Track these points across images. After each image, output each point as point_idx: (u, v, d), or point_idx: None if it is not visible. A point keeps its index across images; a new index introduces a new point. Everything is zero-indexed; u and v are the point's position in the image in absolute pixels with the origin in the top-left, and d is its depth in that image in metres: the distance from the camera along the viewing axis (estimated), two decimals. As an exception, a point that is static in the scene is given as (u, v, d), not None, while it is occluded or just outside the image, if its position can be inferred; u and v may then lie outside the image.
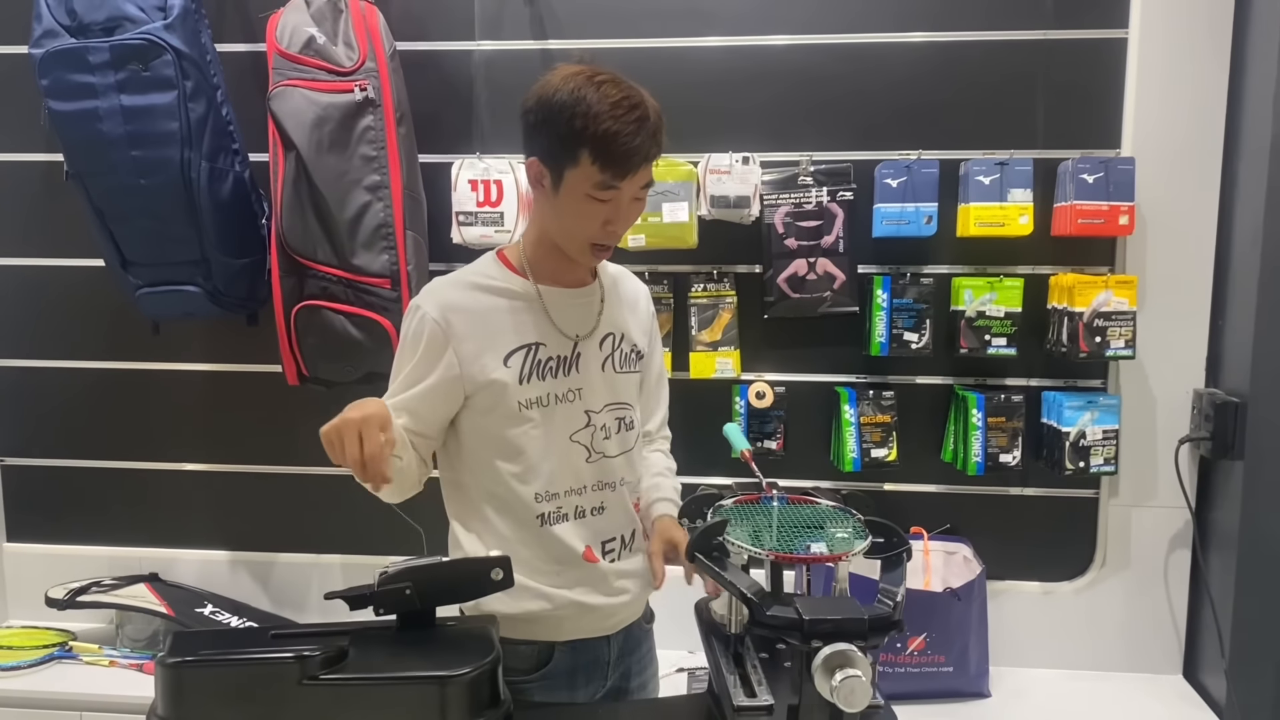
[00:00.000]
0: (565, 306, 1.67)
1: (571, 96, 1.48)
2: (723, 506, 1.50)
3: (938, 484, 2.56)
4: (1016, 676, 2.50)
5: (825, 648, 1.14)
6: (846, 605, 1.19)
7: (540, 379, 1.63)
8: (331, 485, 2.70)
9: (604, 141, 1.47)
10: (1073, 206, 2.31)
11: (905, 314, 2.40)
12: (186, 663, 1.29)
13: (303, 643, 1.32)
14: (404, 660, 1.33)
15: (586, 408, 1.68)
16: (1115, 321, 2.32)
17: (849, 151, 2.45)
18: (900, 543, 1.33)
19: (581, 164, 1.49)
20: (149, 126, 2.21)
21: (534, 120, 1.53)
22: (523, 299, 1.64)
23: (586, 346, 1.68)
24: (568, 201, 1.54)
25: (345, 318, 2.30)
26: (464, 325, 1.60)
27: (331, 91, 2.26)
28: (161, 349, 2.68)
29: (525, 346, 1.62)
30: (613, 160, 1.49)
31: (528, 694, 1.65)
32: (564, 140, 1.49)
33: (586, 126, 1.46)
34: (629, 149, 1.48)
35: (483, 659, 1.31)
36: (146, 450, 2.78)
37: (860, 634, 1.15)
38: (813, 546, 1.34)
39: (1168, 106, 2.37)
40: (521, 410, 1.61)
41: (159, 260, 2.35)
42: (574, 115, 1.47)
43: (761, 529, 1.41)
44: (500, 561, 1.41)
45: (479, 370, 1.60)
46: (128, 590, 2.66)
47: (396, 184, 2.30)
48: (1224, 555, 2.35)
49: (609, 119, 1.46)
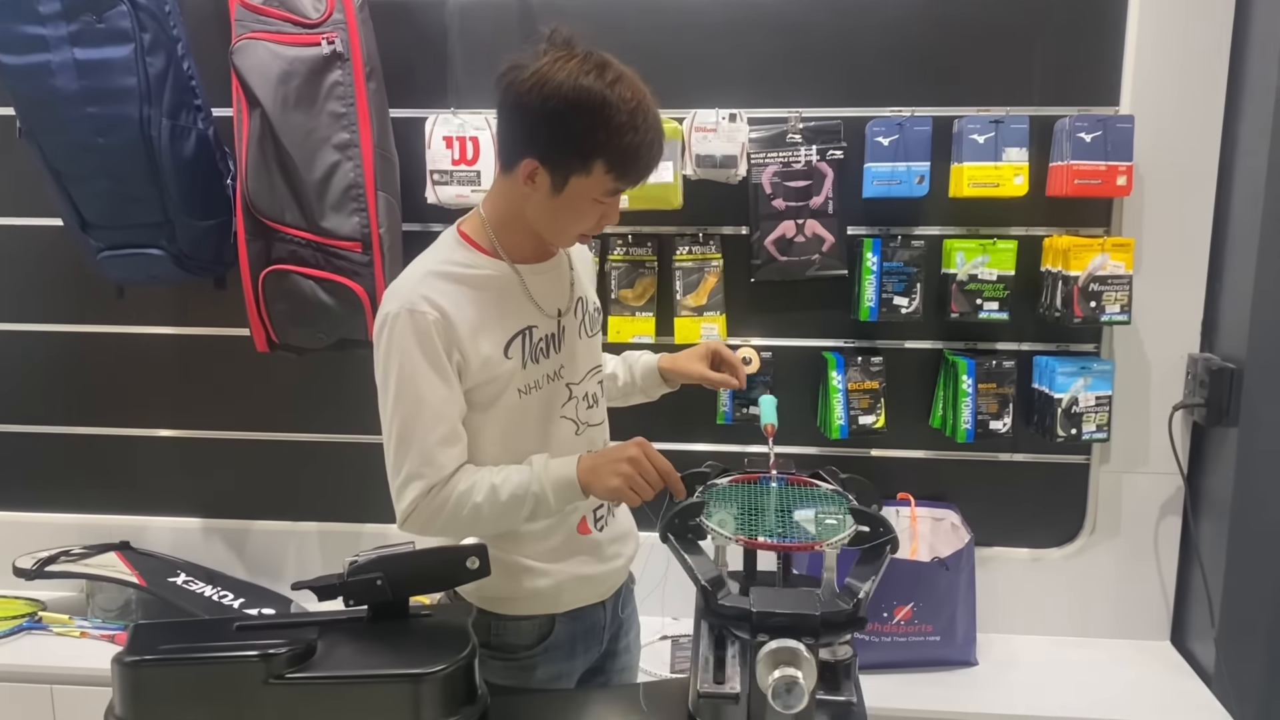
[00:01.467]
0: (542, 282, 1.62)
1: (584, 102, 1.40)
2: (716, 486, 1.44)
3: (926, 450, 2.51)
4: (1004, 643, 2.48)
5: (771, 642, 1.09)
6: (803, 600, 1.14)
7: (535, 361, 1.59)
8: (307, 452, 2.65)
9: (624, 154, 1.43)
10: (1069, 166, 2.24)
11: (895, 278, 2.34)
12: (145, 661, 1.22)
13: (268, 636, 1.26)
14: (375, 656, 1.27)
15: (568, 381, 1.65)
16: (1111, 286, 2.26)
17: (839, 108, 2.36)
18: (884, 533, 1.26)
19: (594, 173, 1.44)
20: (105, 82, 2.10)
21: (535, 121, 1.43)
22: (502, 282, 1.57)
23: (566, 319, 1.64)
24: (568, 204, 1.49)
25: (315, 283, 2.22)
26: (459, 318, 1.50)
27: (297, 45, 2.16)
28: (127, 312, 2.59)
29: (520, 332, 1.57)
30: (631, 171, 1.46)
31: (531, 666, 1.64)
32: (578, 149, 1.43)
33: (608, 139, 1.41)
34: (649, 160, 1.46)
35: (458, 653, 1.25)
36: (115, 416, 2.71)
37: (811, 631, 1.10)
38: (800, 531, 1.29)
39: (1168, 62, 2.29)
40: (520, 397, 1.57)
41: (120, 222, 2.25)
42: (593, 126, 1.40)
43: (750, 510, 1.35)
44: (476, 550, 1.35)
45: (482, 364, 1.52)
46: (98, 559, 2.60)
47: (367, 142, 2.20)
48: (1216, 523, 2.32)
49: (629, 130, 1.41)
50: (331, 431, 2.64)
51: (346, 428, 2.62)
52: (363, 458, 2.62)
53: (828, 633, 1.11)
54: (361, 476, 2.63)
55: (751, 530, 1.29)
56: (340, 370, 2.52)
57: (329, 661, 1.24)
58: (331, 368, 2.48)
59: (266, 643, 1.23)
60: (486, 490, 1.50)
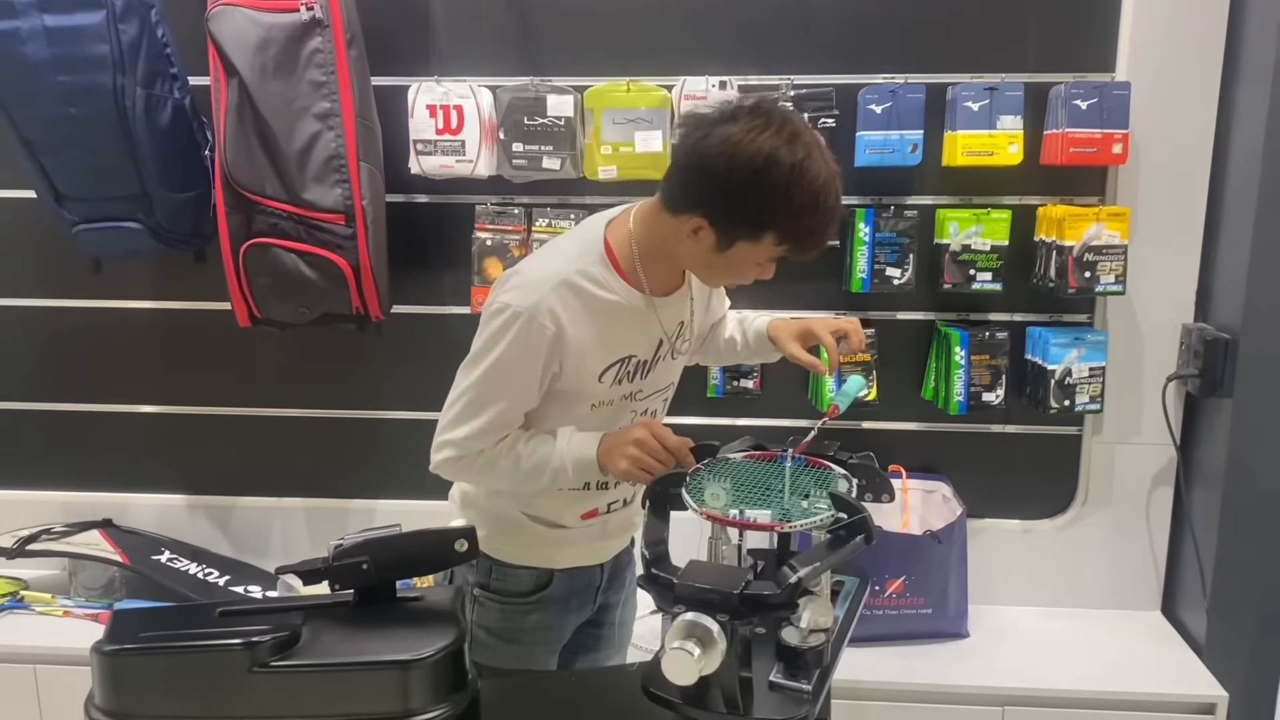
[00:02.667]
0: (669, 313, 1.62)
1: (771, 178, 1.36)
2: (728, 460, 1.41)
3: (918, 422, 2.49)
4: (996, 615, 2.47)
5: (687, 614, 1.07)
6: (729, 577, 1.11)
7: (618, 383, 1.60)
8: (292, 427, 2.62)
9: (800, 232, 1.42)
10: (1064, 134, 2.20)
11: (887, 248, 2.30)
12: (125, 650, 1.19)
13: (252, 622, 1.23)
14: (362, 642, 1.23)
15: (637, 400, 1.65)
16: (1106, 255, 2.23)
17: (831, 75, 2.32)
18: (857, 526, 1.23)
19: (763, 242, 1.43)
20: (76, 49, 2.04)
21: (715, 186, 1.41)
22: (633, 311, 1.57)
23: (665, 346, 1.64)
24: (728, 263, 1.48)
25: (297, 256, 2.17)
26: (575, 338, 1.51)
27: (275, 10, 2.10)
28: (106, 286, 2.54)
29: (621, 360, 1.58)
30: (803, 248, 1.45)
31: (525, 612, 1.69)
32: (752, 220, 1.42)
33: (786, 216, 1.40)
34: (823, 239, 1.45)
35: (447, 639, 1.22)
36: (96, 391, 2.66)
37: (728, 608, 1.07)
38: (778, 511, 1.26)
39: (1165, 27, 2.25)
40: (591, 410, 1.60)
41: (95, 195, 2.20)
42: (775, 202, 1.38)
43: (748, 486, 1.33)
44: (465, 533, 1.31)
45: (576, 380, 1.55)
46: (80, 537, 2.57)
47: (348, 111, 2.15)
48: (1208, 493, 2.31)
49: (809, 211, 1.39)
50: (317, 407, 2.60)
51: (332, 403, 2.59)
52: (347, 432, 2.59)
53: (751, 612, 1.08)
54: (348, 452, 2.60)
55: (742, 506, 1.26)
56: (325, 345, 2.48)
57: (314, 648, 1.21)
58: (316, 342, 2.44)
59: (250, 630, 1.19)
60: (512, 459, 1.55)
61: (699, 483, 1.31)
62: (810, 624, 1.15)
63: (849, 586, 1.39)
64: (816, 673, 1.15)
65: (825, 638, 1.17)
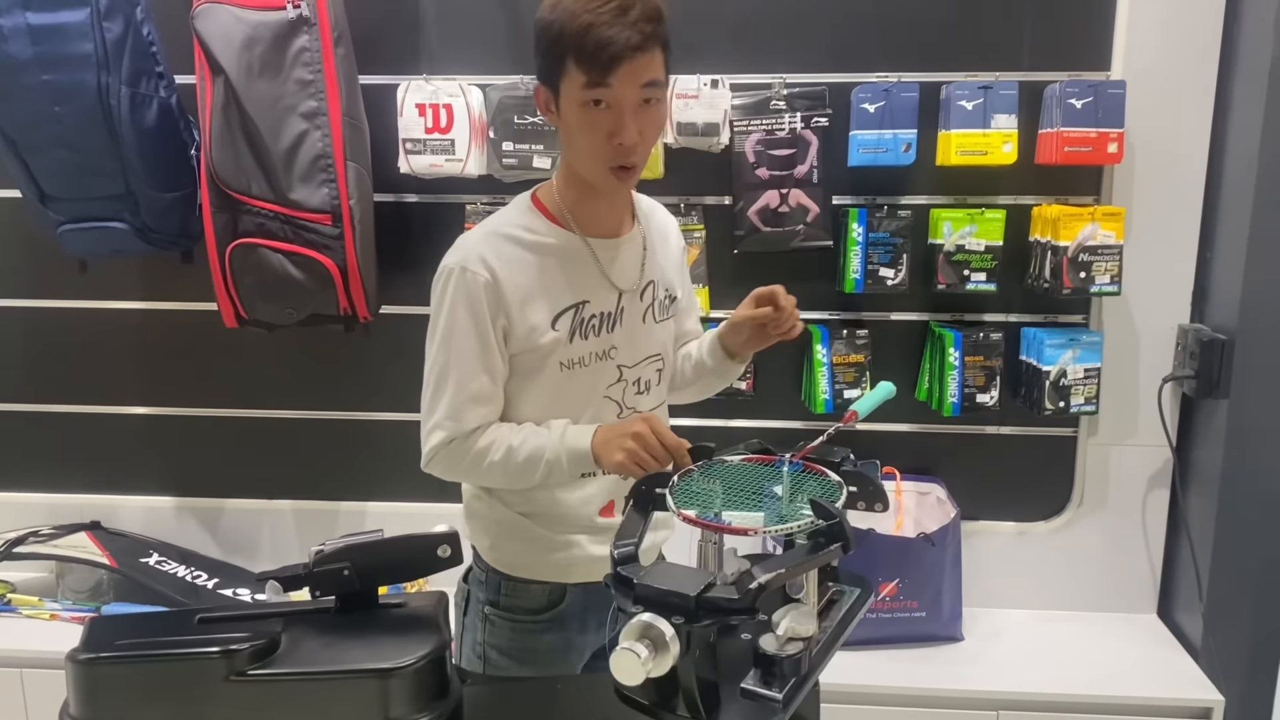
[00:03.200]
0: (614, 259, 1.58)
1: (554, 8, 1.40)
2: (726, 462, 1.38)
3: (912, 424, 2.47)
4: (990, 618, 2.45)
5: (643, 615, 1.04)
6: (689, 580, 1.07)
7: (584, 338, 1.56)
8: (281, 429, 2.60)
9: (579, 37, 1.37)
10: (1059, 133, 2.19)
11: (881, 249, 2.28)
12: (101, 659, 1.17)
13: (231, 629, 1.21)
14: (342, 650, 1.22)
15: (620, 363, 1.61)
16: (1101, 256, 2.21)
17: (824, 74, 2.30)
18: (836, 537, 1.17)
19: (569, 72, 1.40)
20: (60, 48, 2.03)
21: (534, 45, 1.45)
22: (569, 254, 1.55)
23: (630, 299, 1.60)
24: (570, 119, 1.44)
25: (284, 256, 2.15)
26: (512, 283, 1.50)
27: (261, 9, 2.08)
28: (92, 286, 2.52)
29: (573, 306, 1.54)
30: (589, 55, 1.37)
31: (539, 632, 1.63)
32: (550, 52, 1.41)
33: (564, 28, 1.38)
34: (603, 39, 1.36)
35: (429, 646, 1.20)
36: (83, 393, 2.64)
37: (684, 611, 1.04)
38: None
39: (1161, 26, 2.23)
40: (562, 370, 1.55)
41: (80, 194, 2.18)
42: (553, 22, 1.39)
43: (737, 489, 1.30)
44: (447, 538, 1.29)
45: (527, 332, 1.52)
46: (68, 540, 2.54)
47: (335, 110, 2.13)
48: (1204, 495, 2.29)
49: (584, 13, 1.36)
50: (305, 408, 2.58)
51: (320, 404, 2.57)
52: (337, 434, 2.57)
53: (708, 616, 1.05)
54: (337, 453, 2.59)
55: (734, 509, 1.24)
56: (312, 345, 2.46)
57: (294, 656, 1.19)
58: (303, 343, 2.42)
59: (228, 637, 1.18)
60: (504, 450, 1.51)
61: (687, 484, 1.29)
62: (788, 632, 1.13)
63: (849, 595, 1.36)
64: (792, 681, 1.12)
65: (804, 646, 1.14)
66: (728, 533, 1.18)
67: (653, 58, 1.41)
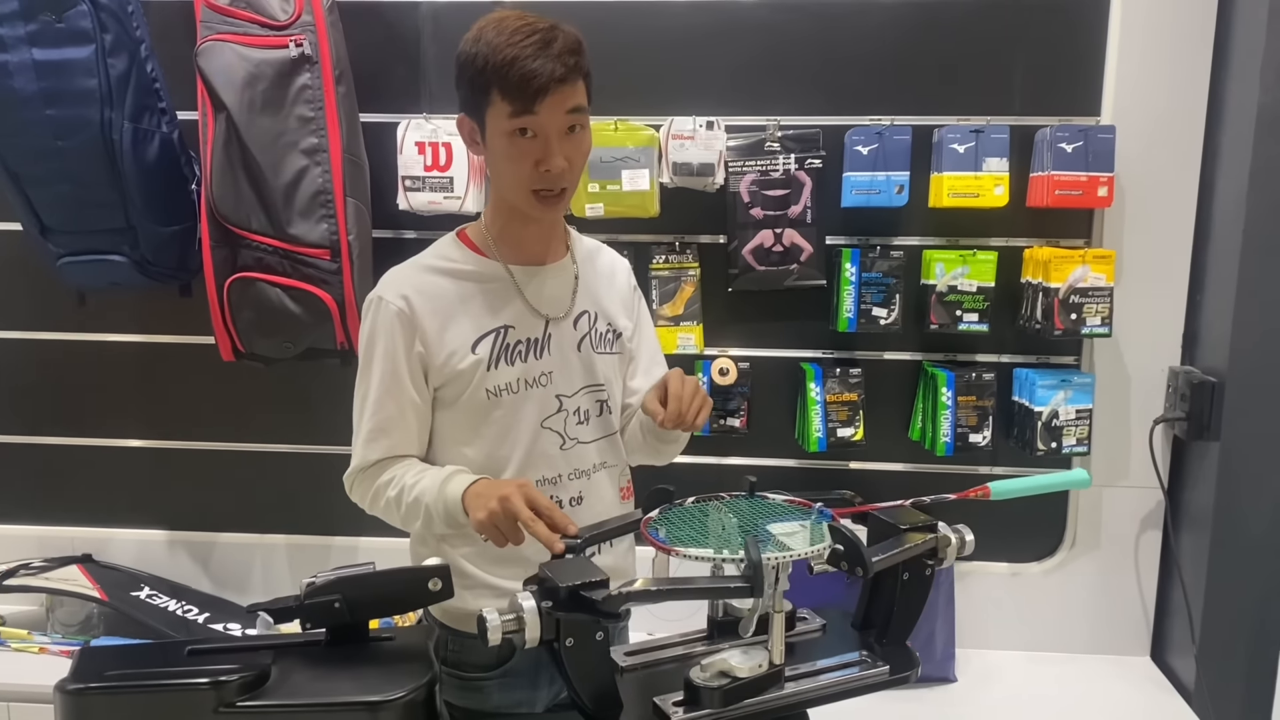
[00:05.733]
0: (538, 285, 1.59)
1: (476, 41, 1.45)
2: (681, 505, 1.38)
3: (905, 463, 2.48)
4: (983, 659, 2.44)
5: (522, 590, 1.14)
6: (578, 573, 1.14)
7: (509, 364, 1.56)
8: (275, 463, 2.60)
9: (504, 70, 1.41)
10: (1050, 177, 2.21)
11: (874, 288, 2.30)
12: (90, 689, 1.18)
13: (221, 661, 1.21)
14: (332, 682, 1.22)
15: (558, 392, 1.60)
16: (1092, 298, 2.23)
17: (818, 116, 2.33)
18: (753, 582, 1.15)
19: (494, 103, 1.44)
20: (65, 83, 2.05)
21: (456, 78, 1.51)
22: (490, 280, 1.57)
23: (559, 327, 1.60)
24: (496, 148, 1.48)
25: (282, 290, 2.16)
26: (428, 310, 1.53)
27: (264, 47, 2.11)
28: (90, 319, 2.53)
29: (494, 330, 1.55)
30: (515, 87, 1.41)
31: (487, 690, 1.58)
32: (474, 85, 1.46)
33: (488, 61, 1.42)
34: (528, 71, 1.40)
35: (418, 680, 1.21)
36: (78, 425, 2.64)
37: (554, 599, 1.12)
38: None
39: (1150, 72, 2.26)
40: (490, 398, 1.55)
41: (81, 228, 2.19)
42: (476, 56, 1.44)
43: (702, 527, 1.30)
44: (438, 571, 1.30)
45: (446, 358, 1.53)
46: (59, 573, 2.53)
47: (335, 147, 2.15)
48: (1196, 537, 2.30)
49: (507, 47, 1.41)
50: (300, 442, 2.58)
51: (315, 438, 2.57)
52: (331, 469, 2.52)
53: (574, 608, 1.11)
54: (330, 488, 2.54)
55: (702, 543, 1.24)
56: (309, 380, 2.46)
57: (283, 689, 1.19)
58: (300, 377, 2.43)
59: (218, 669, 1.18)
60: (398, 490, 1.52)
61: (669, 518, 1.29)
62: (718, 667, 1.15)
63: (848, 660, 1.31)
64: (704, 712, 1.14)
65: (729, 682, 1.15)
66: (664, 551, 1.20)
67: (576, 87, 1.46)
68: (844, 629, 1.33)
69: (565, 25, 1.46)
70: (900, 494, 2.43)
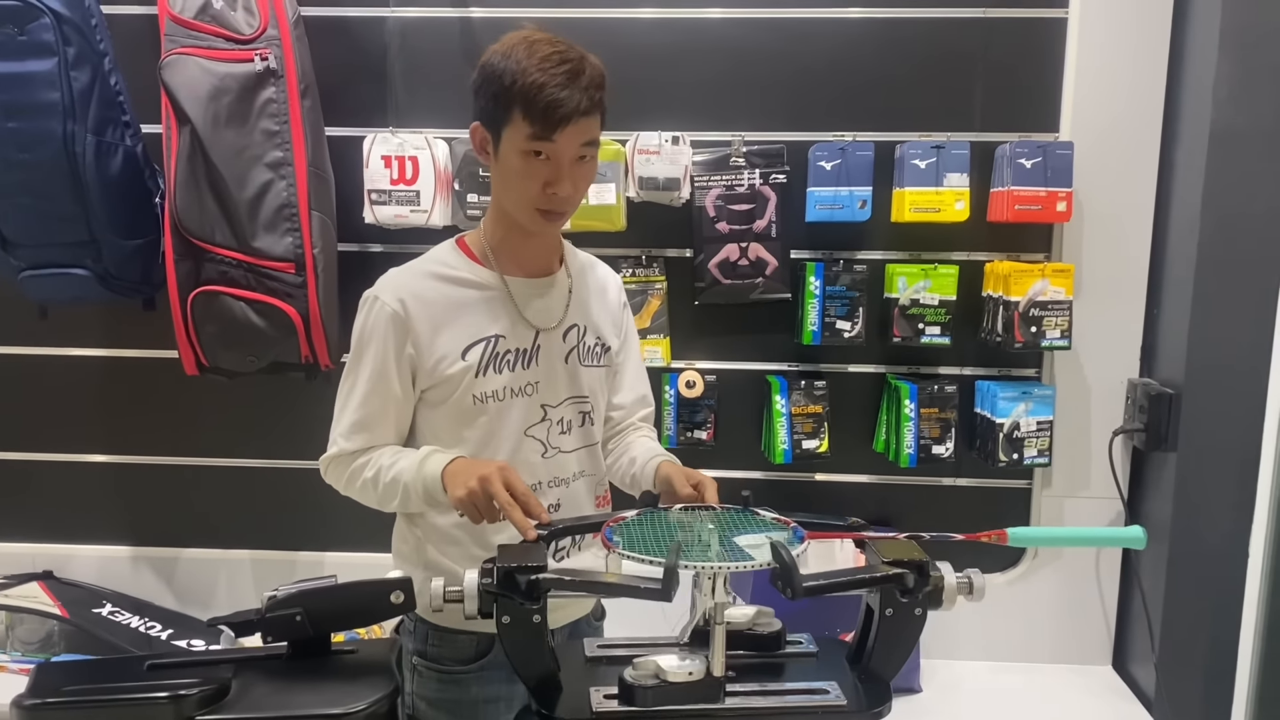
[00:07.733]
0: (531, 297, 1.62)
1: (505, 57, 1.47)
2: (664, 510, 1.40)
3: (869, 475, 2.50)
4: (948, 670, 2.46)
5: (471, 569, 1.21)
6: (519, 557, 1.19)
7: (498, 372, 1.58)
8: (239, 478, 2.58)
9: (531, 94, 1.44)
10: (1010, 192, 2.25)
11: (838, 302, 2.33)
12: (48, 704, 1.16)
13: (180, 675, 1.20)
14: (292, 695, 1.22)
15: (543, 401, 1.63)
16: (1051, 311, 2.26)
17: (782, 132, 2.36)
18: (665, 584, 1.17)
19: (514, 121, 1.47)
20: (26, 96, 2.04)
21: (475, 85, 1.52)
22: (485, 289, 1.60)
23: (548, 338, 1.63)
24: (507, 163, 1.51)
25: (246, 304, 2.16)
26: (423, 314, 1.55)
27: (229, 61, 2.11)
28: (51, 333, 2.50)
29: (485, 339, 1.58)
30: (540, 113, 1.44)
31: (466, 685, 1.62)
32: (497, 99, 1.47)
33: (516, 81, 1.44)
34: (555, 100, 1.44)
35: (380, 692, 1.20)
36: (39, 440, 2.61)
37: (491, 577, 1.18)
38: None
39: (1107, 90, 2.31)
40: (476, 404, 1.58)
41: (43, 241, 2.17)
42: (504, 72, 1.46)
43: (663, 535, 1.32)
44: (401, 584, 1.30)
45: (436, 362, 1.56)
46: (19, 590, 2.49)
47: (300, 161, 2.15)
48: (1156, 547, 2.33)
49: (536, 72, 1.44)
50: (264, 457, 2.56)
51: (279, 453, 2.55)
52: (296, 483, 2.55)
53: (505, 588, 1.17)
54: (295, 503, 2.56)
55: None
56: (273, 394, 2.45)
57: (243, 702, 1.19)
58: (264, 391, 2.41)
59: (177, 683, 1.17)
60: (374, 471, 1.55)
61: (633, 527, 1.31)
62: (650, 668, 1.16)
63: (813, 687, 1.26)
64: (633, 709, 1.15)
65: (658, 685, 1.16)
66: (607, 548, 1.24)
67: (594, 121, 1.51)
68: (836, 659, 1.33)
69: (592, 57, 1.50)
70: (867, 507, 2.48)
